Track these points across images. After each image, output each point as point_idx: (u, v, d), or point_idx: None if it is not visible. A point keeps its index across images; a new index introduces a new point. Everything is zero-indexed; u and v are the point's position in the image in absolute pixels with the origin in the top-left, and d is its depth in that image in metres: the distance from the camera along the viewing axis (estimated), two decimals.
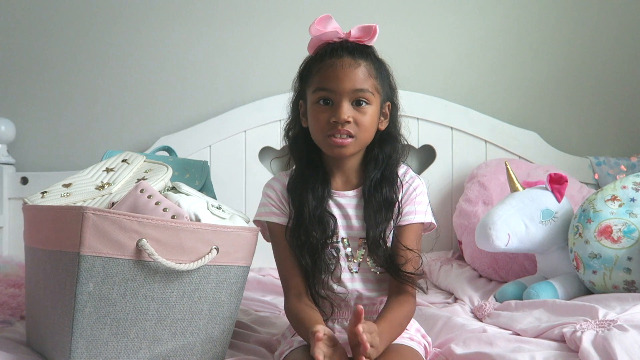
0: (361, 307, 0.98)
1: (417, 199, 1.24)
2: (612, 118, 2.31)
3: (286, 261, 1.25)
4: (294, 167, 1.30)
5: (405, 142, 1.31)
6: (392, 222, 1.22)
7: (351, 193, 1.25)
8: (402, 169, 1.28)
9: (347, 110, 1.17)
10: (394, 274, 1.20)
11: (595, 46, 2.31)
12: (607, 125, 2.31)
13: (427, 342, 1.25)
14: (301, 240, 1.22)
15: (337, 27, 1.21)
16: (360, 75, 1.17)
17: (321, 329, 0.98)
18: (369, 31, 1.20)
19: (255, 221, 1.31)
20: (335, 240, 1.23)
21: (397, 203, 1.22)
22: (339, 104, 1.17)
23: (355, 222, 1.24)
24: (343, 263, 1.23)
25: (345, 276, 1.23)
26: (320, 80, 1.19)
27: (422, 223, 1.25)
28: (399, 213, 1.22)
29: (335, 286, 1.23)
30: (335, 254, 1.23)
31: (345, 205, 1.25)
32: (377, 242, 1.20)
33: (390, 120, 1.27)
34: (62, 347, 1.07)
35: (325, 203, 1.23)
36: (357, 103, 1.18)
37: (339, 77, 1.17)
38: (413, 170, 1.30)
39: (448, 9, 2.29)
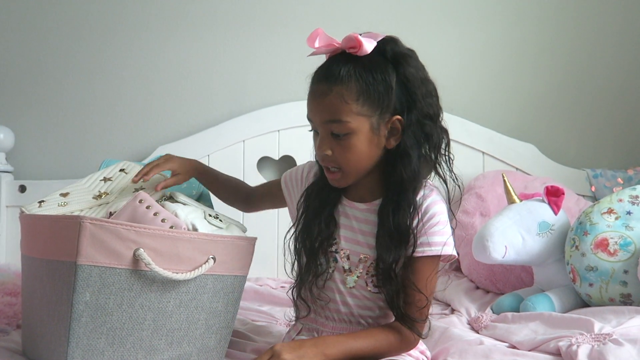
0: None
1: (432, 230, 1.11)
2: (609, 130, 2.32)
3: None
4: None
5: (430, 156, 1.13)
6: (403, 252, 1.11)
7: (362, 206, 1.17)
8: (423, 191, 1.13)
9: (323, 144, 1.09)
10: (394, 312, 1.13)
11: (593, 59, 2.32)
12: (604, 138, 2.32)
13: (427, 356, 1.23)
14: (302, 239, 1.19)
15: (324, 43, 1.09)
16: (330, 105, 1.06)
17: None
18: (352, 41, 1.07)
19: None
20: (334, 249, 1.18)
21: (411, 234, 1.10)
22: (320, 136, 1.10)
23: (360, 237, 1.17)
24: (338, 275, 1.18)
25: (340, 288, 1.18)
26: (307, 109, 1.13)
27: (438, 256, 1.12)
28: (414, 243, 1.10)
29: (319, 292, 1.18)
30: (332, 264, 1.18)
31: (352, 216, 1.18)
32: (388, 273, 1.10)
33: (404, 135, 1.09)
34: (58, 357, 1.06)
35: (329, 207, 1.18)
36: (334, 134, 1.08)
37: (312, 108, 1.10)
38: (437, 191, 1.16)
39: (447, 21, 2.30)
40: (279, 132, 2.19)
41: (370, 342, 1.10)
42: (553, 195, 1.67)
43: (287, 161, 2.22)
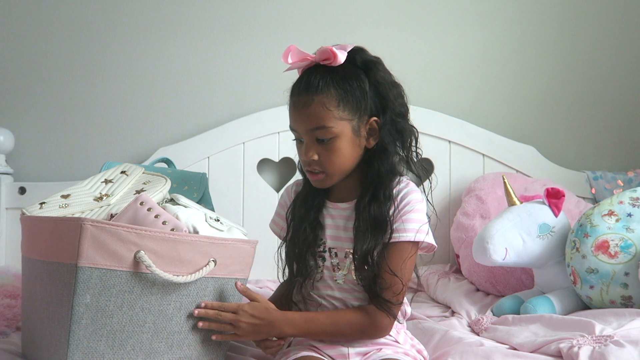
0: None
1: (406, 217, 1.17)
2: (610, 133, 2.32)
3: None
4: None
5: (403, 155, 1.22)
6: (380, 240, 1.17)
7: (344, 205, 1.24)
8: (400, 184, 1.21)
9: (309, 150, 1.17)
10: (371, 297, 1.17)
11: (593, 61, 2.32)
12: (604, 140, 2.32)
13: (424, 356, 1.25)
14: (291, 245, 1.25)
15: (299, 58, 1.17)
16: (313, 113, 1.14)
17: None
18: (326, 53, 1.15)
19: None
20: (322, 249, 1.23)
21: (388, 223, 1.16)
22: (305, 143, 1.18)
23: (343, 234, 1.23)
24: (327, 272, 1.23)
25: (329, 284, 1.22)
26: (290, 120, 1.21)
27: (413, 243, 1.17)
28: (390, 232, 1.16)
29: (312, 293, 1.23)
30: (320, 263, 1.23)
31: (336, 216, 1.25)
32: (364, 260, 1.15)
33: (382, 135, 1.18)
34: (59, 359, 1.06)
35: (314, 212, 1.24)
36: (319, 140, 1.16)
37: (295, 119, 1.18)
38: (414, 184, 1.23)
39: (447, 23, 2.31)
40: (279, 134, 2.19)
41: (329, 321, 1.16)
42: (553, 197, 1.68)
43: (287, 163, 2.22)
